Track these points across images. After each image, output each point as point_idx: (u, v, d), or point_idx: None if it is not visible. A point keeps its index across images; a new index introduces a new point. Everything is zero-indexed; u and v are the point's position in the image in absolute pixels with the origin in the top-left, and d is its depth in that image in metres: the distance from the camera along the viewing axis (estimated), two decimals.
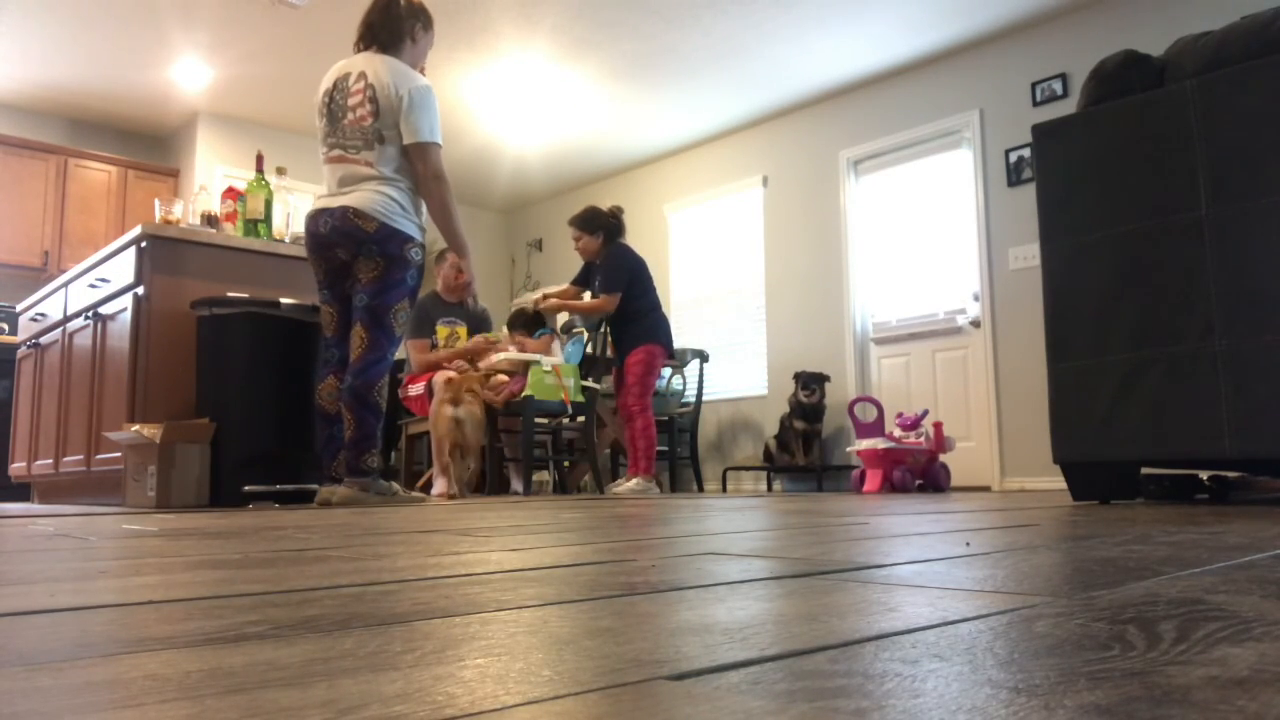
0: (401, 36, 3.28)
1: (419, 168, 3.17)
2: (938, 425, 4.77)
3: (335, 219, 3.11)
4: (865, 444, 4.56)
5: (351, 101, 3.18)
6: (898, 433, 4.76)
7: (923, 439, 4.69)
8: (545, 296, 5.11)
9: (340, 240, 3.11)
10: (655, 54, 5.87)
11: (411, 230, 3.17)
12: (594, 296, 4.84)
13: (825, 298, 6.39)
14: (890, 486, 4.48)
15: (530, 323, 5.14)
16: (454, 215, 3.25)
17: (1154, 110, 2.52)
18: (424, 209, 3.27)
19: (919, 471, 4.68)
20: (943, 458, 4.88)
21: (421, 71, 3.36)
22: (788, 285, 6.65)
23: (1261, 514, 1.79)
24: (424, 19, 3.37)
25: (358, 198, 3.12)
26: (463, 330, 5.08)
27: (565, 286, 5.13)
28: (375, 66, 3.17)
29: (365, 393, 3.10)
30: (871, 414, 4.74)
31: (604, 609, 0.63)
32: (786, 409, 6.21)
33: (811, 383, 5.95)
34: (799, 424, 5.95)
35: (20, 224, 6.19)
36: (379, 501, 3.10)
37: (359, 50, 3.30)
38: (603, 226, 4.85)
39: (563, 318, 5.83)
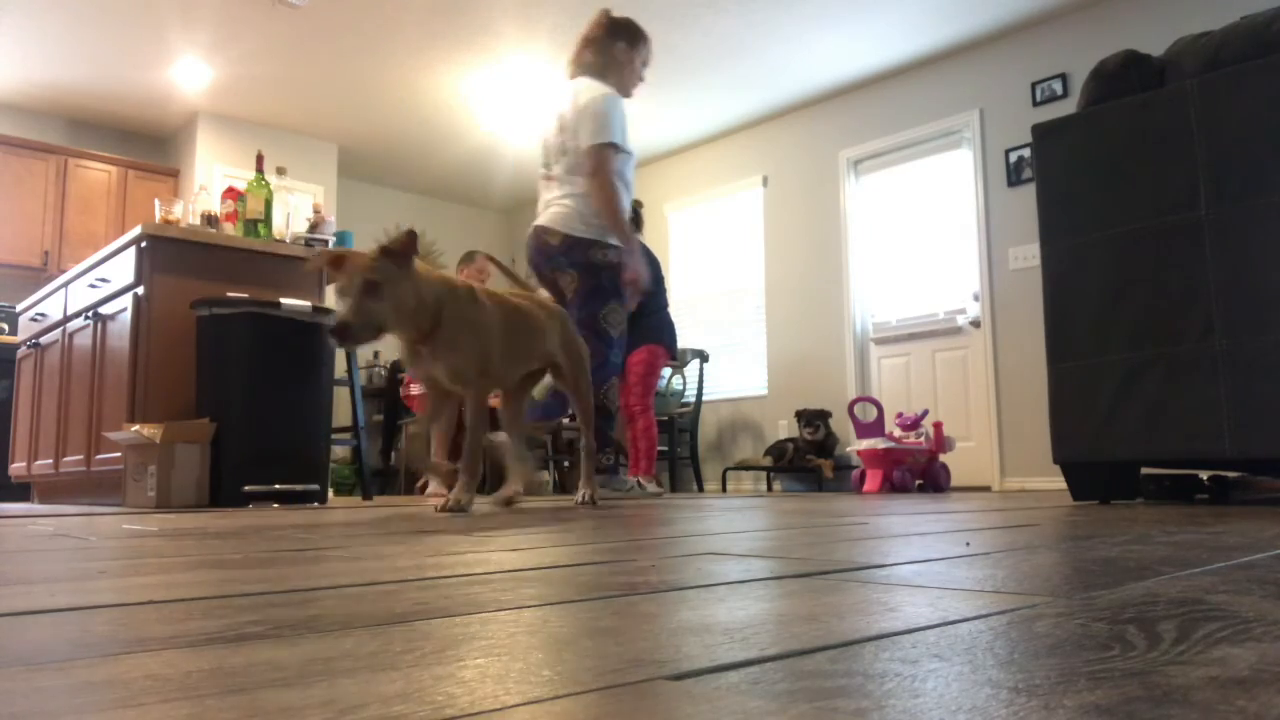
0: (603, 57, 3.50)
1: (586, 169, 3.33)
2: (938, 425, 4.76)
3: (532, 240, 3.42)
4: (865, 444, 4.56)
5: (553, 125, 3.46)
6: (897, 433, 4.76)
7: (923, 439, 4.68)
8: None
9: (536, 258, 3.42)
10: (655, 54, 5.84)
11: (594, 235, 3.36)
12: None
13: (825, 298, 6.39)
14: (890, 486, 4.48)
15: None
16: (613, 212, 3.31)
17: (1154, 110, 2.52)
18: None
19: (919, 471, 4.68)
20: (942, 458, 4.88)
21: (628, 86, 3.57)
22: (788, 285, 6.64)
23: (1261, 514, 1.79)
24: (627, 36, 3.55)
25: (547, 215, 3.41)
26: None
27: None
28: (574, 88, 3.42)
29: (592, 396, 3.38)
30: (871, 414, 4.73)
31: (604, 609, 0.63)
32: (791, 435, 6.20)
33: (815, 419, 5.94)
34: (813, 459, 5.90)
35: (20, 224, 6.18)
36: (615, 496, 3.49)
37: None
38: None
39: None
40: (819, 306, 6.42)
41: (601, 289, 3.38)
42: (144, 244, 3.54)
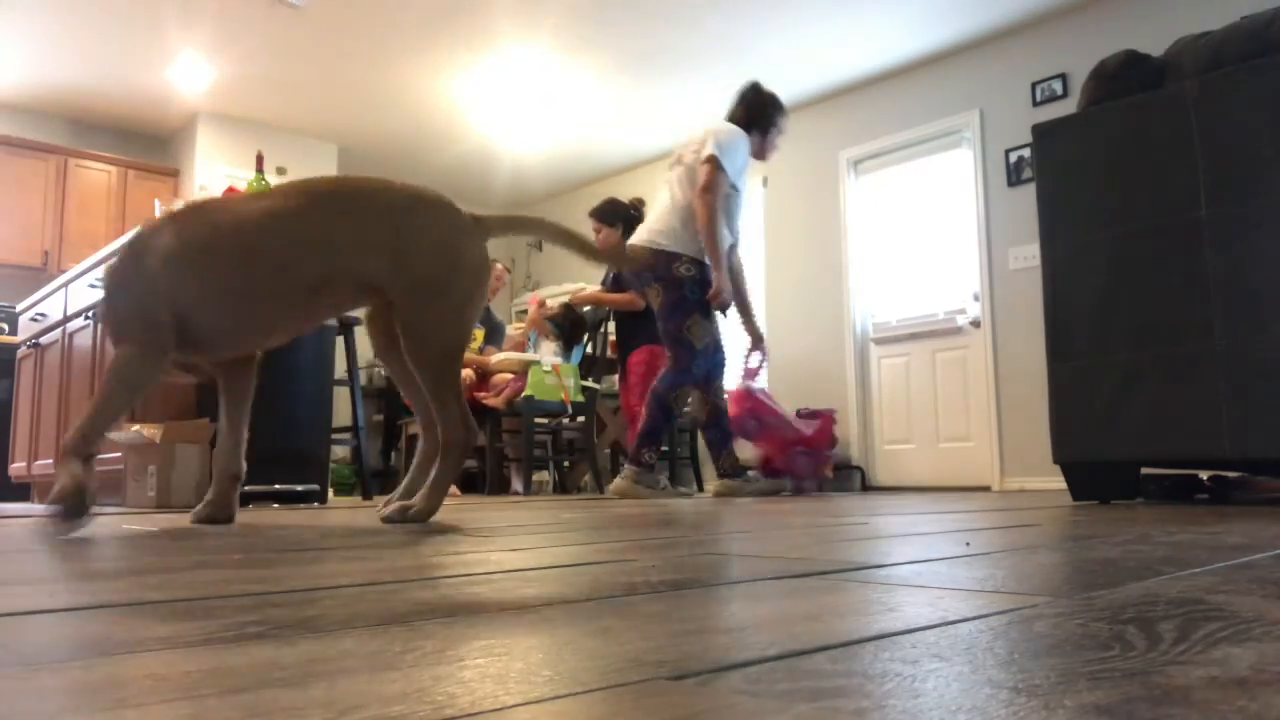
0: (751, 116, 3.78)
1: (698, 183, 3.55)
2: (827, 417, 4.48)
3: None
4: (738, 385, 4.27)
5: (687, 139, 3.76)
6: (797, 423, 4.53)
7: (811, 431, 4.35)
8: (575, 295, 5.13)
9: (630, 274, 3.72)
10: (655, 54, 5.87)
11: (678, 248, 3.57)
12: (613, 290, 4.87)
13: (825, 298, 6.39)
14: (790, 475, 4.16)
15: (574, 322, 5.11)
16: (710, 228, 3.50)
17: (1154, 110, 2.52)
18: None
19: (814, 466, 4.32)
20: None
21: (764, 151, 3.87)
22: (788, 285, 6.64)
23: (1261, 514, 1.79)
24: (776, 108, 3.86)
25: (642, 234, 3.67)
26: (480, 334, 5.10)
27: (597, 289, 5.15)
28: (718, 123, 3.72)
29: (664, 395, 3.59)
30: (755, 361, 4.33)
31: (604, 609, 0.63)
32: None
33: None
34: None
35: (20, 224, 6.18)
36: (648, 494, 3.53)
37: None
38: (622, 218, 4.87)
39: None
40: (819, 306, 6.42)
41: (685, 301, 3.56)
42: None
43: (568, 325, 5.10)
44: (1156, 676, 0.39)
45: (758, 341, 4.13)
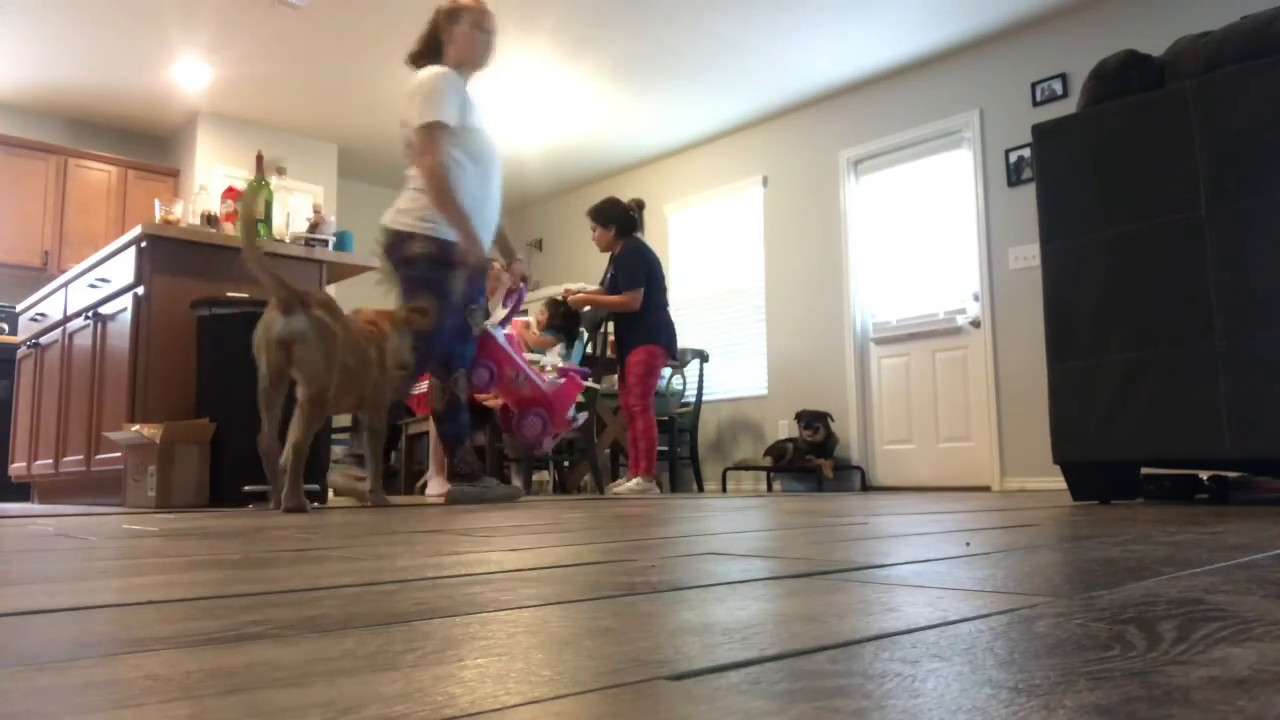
0: (433, 43, 3.37)
1: (415, 152, 3.18)
2: (572, 379, 4.05)
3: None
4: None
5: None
6: (545, 371, 4.00)
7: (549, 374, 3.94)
8: (568, 291, 5.10)
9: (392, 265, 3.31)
10: (656, 54, 5.87)
11: (405, 225, 3.21)
12: (611, 291, 4.85)
13: (825, 298, 6.39)
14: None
15: (564, 316, 5.09)
16: (438, 191, 3.13)
17: (1154, 110, 2.52)
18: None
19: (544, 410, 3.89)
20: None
21: (470, 55, 3.31)
22: (788, 285, 6.64)
23: (1261, 514, 1.79)
24: (451, 13, 3.31)
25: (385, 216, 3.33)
26: None
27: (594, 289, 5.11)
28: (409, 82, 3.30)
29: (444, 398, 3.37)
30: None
31: (604, 609, 0.63)
32: (791, 436, 6.19)
33: (814, 421, 5.90)
34: (812, 459, 5.87)
35: (20, 224, 6.18)
36: (480, 496, 3.29)
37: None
38: (615, 219, 4.87)
39: None
40: (819, 306, 6.42)
41: (412, 283, 3.18)
42: (144, 244, 3.54)
43: (560, 319, 5.09)
44: (1156, 676, 0.39)
45: (519, 280, 3.81)
